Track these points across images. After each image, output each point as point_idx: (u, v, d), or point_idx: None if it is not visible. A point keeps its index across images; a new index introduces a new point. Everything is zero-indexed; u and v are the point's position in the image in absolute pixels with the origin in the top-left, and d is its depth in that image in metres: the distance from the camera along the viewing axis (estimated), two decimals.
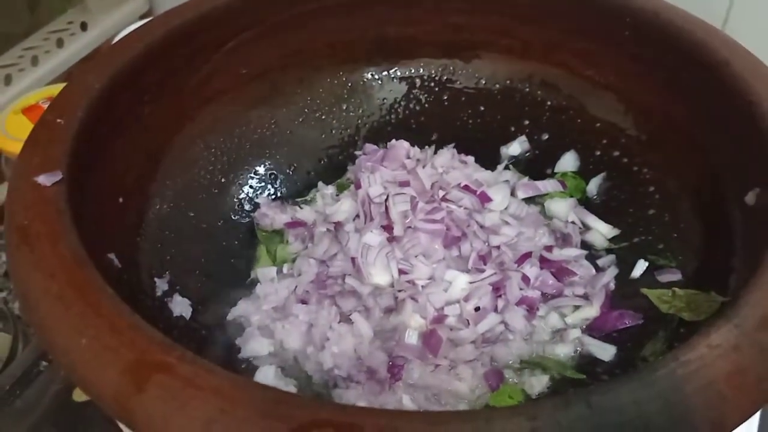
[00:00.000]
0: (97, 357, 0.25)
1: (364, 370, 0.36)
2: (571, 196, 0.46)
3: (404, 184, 0.42)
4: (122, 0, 0.72)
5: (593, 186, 0.46)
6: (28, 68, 0.64)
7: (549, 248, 0.42)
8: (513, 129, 0.49)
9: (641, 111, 0.44)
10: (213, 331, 0.40)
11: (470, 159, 0.47)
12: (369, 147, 0.49)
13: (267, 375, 0.36)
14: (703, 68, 0.38)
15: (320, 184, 0.49)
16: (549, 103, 0.48)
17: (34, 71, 0.64)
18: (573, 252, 0.42)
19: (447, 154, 0.47)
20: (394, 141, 0.47)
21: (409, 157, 0.45)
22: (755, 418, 0.42)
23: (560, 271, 0.41)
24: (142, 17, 0.74)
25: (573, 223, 0.44)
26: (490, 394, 0.36)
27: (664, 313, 0.37)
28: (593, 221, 0.44)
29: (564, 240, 0.43)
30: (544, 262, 0.41)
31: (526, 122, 0.49)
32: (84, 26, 0.70)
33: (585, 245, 0.44)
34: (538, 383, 0.36)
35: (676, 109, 0.41)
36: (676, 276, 0.38)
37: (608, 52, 0.44)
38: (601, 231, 0.44)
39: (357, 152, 0.49)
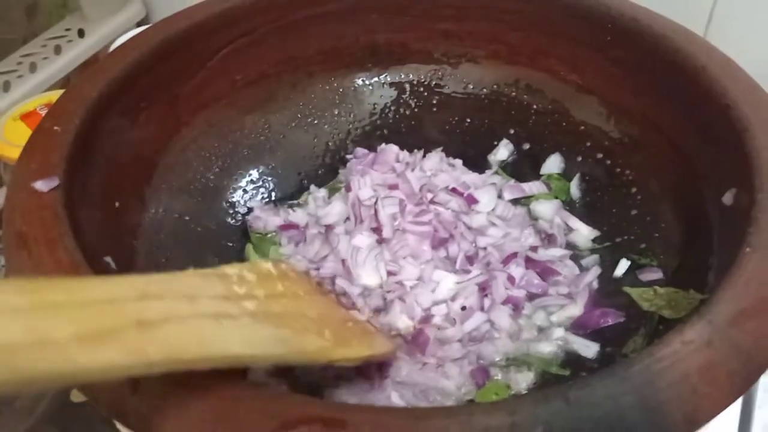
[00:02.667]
0: None
1: (354, 368, 0.37)
2: (556, 198, 0.47)
3: (393, 187, 0.43)
4: (119, 7, 0.73)
5: (577, 187, 0.47)
6: (27, 75, 0.65)
7: (534, 248, 0.43)
8: (500, 132, 0.50)
9: (623, 114, 0.45)
10: None
11: (458, 162, 0.48)
12: (360, 151, 0.50)
13: (258, 373, 0.37)
14: (682, 72, 0.39)
15: (312, 187, 0.50)
16: (535, 107, 0.49)
17: (32, 78, 0.65)
18: (557, 252, 0.43)
19: (435, 157, 0.48)
20: (384, 145, 0.48)
21: (398, 161, 0.46)
22: (736, 415, 0.43)
23: (545, 271, 0.42)
24: (138, 24, 0.75)
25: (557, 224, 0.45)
26: (476, 391, 0.37)
27: (645, 310, 0.38)
28: (575, 223, 0.45)
29: (549, 240, 0.44)
30: (529, 262, 0.42)
31: (513, 126, 0.50)
32: (81, 33, 0.71)
33: (569, 245, 0.45)
34: (523, 380, 0.37)
35: (657, 113, 0.42)
36: (657, 275, 0.39)
37: (591, 57, 0.45)
38: (582, 232, 0.45)
39: (348, 155, 0.50)
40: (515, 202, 0.47)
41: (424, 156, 0.49)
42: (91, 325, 0.21)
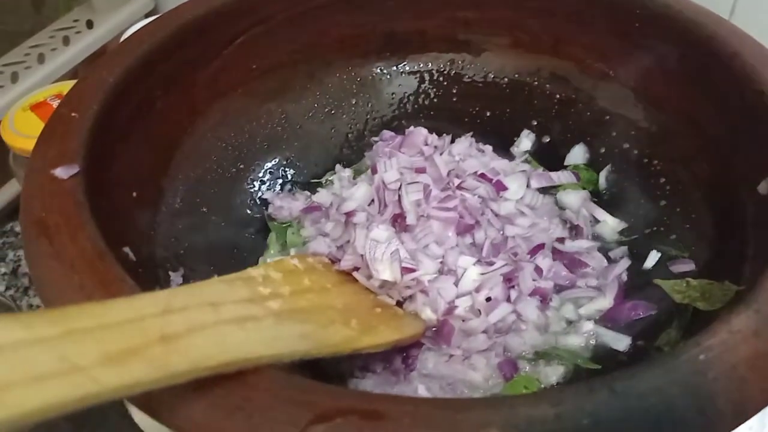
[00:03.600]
0: None
1: (380, 359, 0.36)
2: (584, 189, 0.46)
3: (420, 170, 0.42)
4: None
5: (604, 178, 0.46)
6: (35, 66, 0.64)
7: (561, 240, 0.42)
8: (522, 123, 0.50)
9: (651, 102, 0.44)
10: None
11: (488, 148, 0.47)
12: (387, 133, 0.49)
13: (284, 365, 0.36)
14: (713, 59, 0.38)
15: (338, 166, 0.49)
16: (558, 96, 0.48)
17: (40, 69, 0.64)
18: (585, 243, 0.42)
19: (465, 142, 0.47)
20: (412, 128, 0.46)
21: (426, 144, 0.45)
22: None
23: (573, 263, 0.41)
24: (147, 15, 0.74)
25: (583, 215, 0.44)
26: (504, 384, 0.36)
27: (678, 303, 0.37)
28: (601, 214, 0.44)
29: (576, 231, 0.43)
30: (556, 253, 0.41)
31: (535, 116, 0.49)
32: (90, 24, 0.70)
33: (595, 237, 0.44)
34: (553, 373, 0.36)
35: (687, 100, 0.41)
36: (689, 266, 0.38)
37: (617, 44, 0.44)
38: (609, 224, 0.44)
39: (374, 138, 0.49)
40: (543, 191, 0.45)
41: (452, 141, 0.48)
42: (117, 346, 0.22)
